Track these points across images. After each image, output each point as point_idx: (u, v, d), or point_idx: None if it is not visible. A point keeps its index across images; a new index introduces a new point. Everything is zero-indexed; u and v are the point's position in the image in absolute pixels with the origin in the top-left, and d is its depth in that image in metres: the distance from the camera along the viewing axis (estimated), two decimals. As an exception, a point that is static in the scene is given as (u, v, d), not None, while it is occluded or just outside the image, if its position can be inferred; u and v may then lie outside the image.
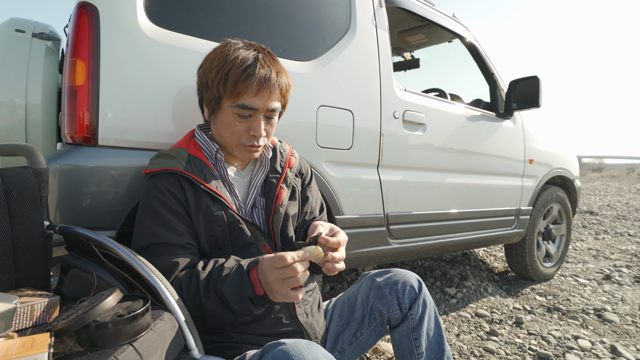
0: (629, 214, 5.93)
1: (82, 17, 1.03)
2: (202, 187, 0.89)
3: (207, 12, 1.25)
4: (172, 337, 0.69)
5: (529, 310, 2.26)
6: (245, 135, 0.94)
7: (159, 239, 0.85)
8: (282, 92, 0.95)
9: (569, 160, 2.83)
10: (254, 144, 0.94)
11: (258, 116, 0.93)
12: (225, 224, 0.89)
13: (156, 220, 0.86)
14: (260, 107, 0.92)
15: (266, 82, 0.90)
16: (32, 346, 0.51)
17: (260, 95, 0.91)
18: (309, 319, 0.95)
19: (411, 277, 1.01)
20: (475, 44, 2.23)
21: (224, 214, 0.90)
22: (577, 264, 3.27)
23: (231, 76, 0.88)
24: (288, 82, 0.97)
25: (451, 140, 1.97)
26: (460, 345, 1.81)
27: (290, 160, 1.07)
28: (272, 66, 0.92)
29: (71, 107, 1.03)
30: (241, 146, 0.95)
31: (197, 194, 0.90)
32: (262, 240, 0.94)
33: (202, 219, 0.89)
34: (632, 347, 1.87)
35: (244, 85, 0.88)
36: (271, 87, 0.91)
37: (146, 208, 0.88)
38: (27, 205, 0.78)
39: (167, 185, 0.88)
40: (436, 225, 1.96)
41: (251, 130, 0.93)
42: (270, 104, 0.92)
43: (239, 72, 0.88)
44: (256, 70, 0.89)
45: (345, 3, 1.61)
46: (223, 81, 0.89)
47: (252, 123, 0.93)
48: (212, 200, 0.90)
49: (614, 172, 18.07)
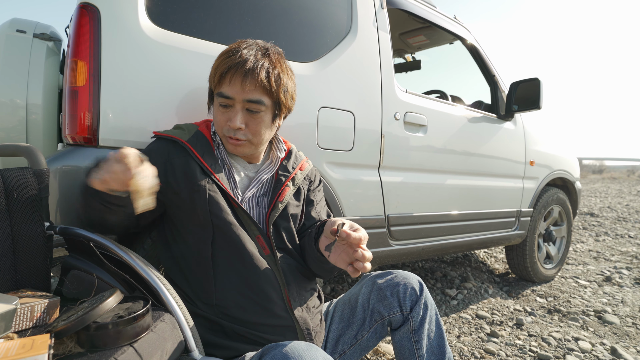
0: (629, 216, 5.93)
1: (84, 17, 1.03)
2: (196, 159, 0.92)
3: (208, 13, 1.25)
4: (172, 338, 0.68)
5: (529, 312, 2.25)
6: (226, 126, 0.94)
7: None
8: (262, 82, 0.89)
9: (569, 162, 2.83)
10: (231, 136, 0.94)
11: (236, 107, 0.92)
12: (206, 196, 0.90)
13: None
14: (235, 96, 0.91)
15: (239, 68, 0.89)
16: (32, 347, 0.51)
17: (233, 83, 0.90)
18: (304, 313, 0.94)
19: (412, 279, 1.00)
20: (476, 45, 2.23)
21: (207, 186, 0.91)
22: (577, 266, 3.27)
23: (214, 65, 0.94)
24: (275, 74, 0.92)
25: (452, 141, 1.97)
26: (460, 347, 1.80)
27: (303, 165, 1.09)
28: (255, 56, 0.91)
29: (72, 107, 1.03)
30: (225, 137, 0.96)
31: (190, 165, 0.92)
32: (256, 232, 0.94)
33: (187, 188, 0.90)
34: (632, 348, 1.87)
35: (219, 72, 0.91)
36: (244, 74, 0.88)
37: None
38: (27, 206, 0.78)
39: (160, 148, 0.94)
40: (437, 226, 1.96)
41: (229, 121, 0.93)
42: (245, 94, 0.90)
43: (219, 60, 0.93)
44: (234, 58, 0.90)
45: (347, 5, 1.61)
46: (212, 73, 0.95)
47: (230, 114, 0.93)
48: (201, 171, 0.92)
49: (614, 174, 18.07)
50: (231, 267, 0.90)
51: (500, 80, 2.31)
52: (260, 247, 0.94)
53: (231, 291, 0.89)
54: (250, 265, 0.90)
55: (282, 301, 0.92)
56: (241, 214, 0.94)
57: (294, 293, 0.94)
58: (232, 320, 0.88)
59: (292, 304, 0.93)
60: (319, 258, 0.93)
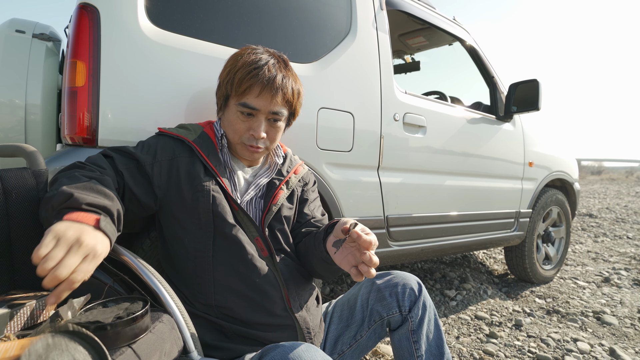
0: (627, 217, 5.94)
1: (83, 18, 1.03)
2: (201, 159, 0.93)
3: (208, 14, 1.25)
4: (171, 339, 0.68)
5: (528, 313, 2.25)
6: (246, 135, 0.96)
7: (107, 152, 0.90)
8: (287, 97, 0.96)
9: (568, 163, 2.83)
10: (252, 144, 0.96)
11: (260, 117, 0.95)
12: (210, 197, 0.90)
13: (125, 150, 0.91)
14: (262, 108, 0.94)
15: (270, 84, 0.92)
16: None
17: (262, 97, 0.93)
18: (303, 313, 0.94)
19: (411, 280, 1.01)
20: (475, 47, 2.24)
21: (211, 187, 0.91)
22: (576, 267, 3.27)
23: (238, 75, 0.93)
24: (297, 89, 0.99)
25: (451, 142, 1.97)
26: (460, 348, 1.80)
27: (298, 169, 1.10)
28: (280, 71, 0.95)
29: (71, 108, 1.03)
30: (242, 145, 0.98)
31: (194, 165, 0.93)
32: (255, 234, 0.95)
33: (190, 188, 0.91)
34: (630, 349, 1.87)
35: (248, 84, 0.92)
36: (274, 90, 0.93)
37: (131, 146, 0.94)
38: (26, 206, 0.78)
39: (165, 144, 0.94)
40: (436, 227, 1.96)
41: (251, 130, 0.95)
42: (272, 107, 0.94)
43: (245, 72, 0.92)
44: (261, 72, 0.92)
45: (346, 6, 1.61)
46: (231, 81, 0.94)
47: (253, 123, 0.95)
48: (204, 172, 0.93)
49: (613, 175, 18.10)
50: (231, 267, 0.90)
51: (499, 82, 2.32)
52: (258, 249, 0.94)
53: (231, 292, 0.89)
54: (250, 265, 0.90)
55: (282, 301, 0.92)
56: (241, 216, 0.94)
57: (293, 293, 0.94)
58: (231, 321, 0.88)
59: (291, 304, 0.93)
60: (325, 257, 0.91)
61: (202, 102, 1.18)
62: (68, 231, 0.59)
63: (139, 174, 0.90)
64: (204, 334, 0.86)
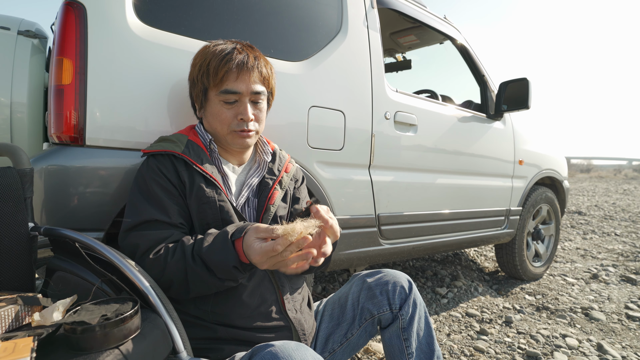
0: (615, 214, 6.04)
1: (69, 14, 1.01)
2: (197, 170, 0.92)
3: (197, 11, 1.24)
4: (160, 340, 0.68)
5: (518, 310, 2.28)
6: (234, 122, 0.96)
7: (151, 217, 0.86)
8: (264, 74, 0.98)
9: (557, 161, 2.87)
10: (243, 129, 0.96)
11: (243, 100, 0.96)
12: (217, 207, 0.90)
13: (150, 199, 0.88)
14: (244, 91, 0.95)
15: (245, 65, 0.94)
16: (14, 350, 0.50)
17: (241, 79, 0.94)
18: (298, 315, 0.94)
19: (401, 278, 1.01)
20: (466, 45, 2.25)
21: (216, 197, 0.91)
22: (565, 264, 3.32)
23: (211, 65, 0.93)
24: (269, 67, 1.01)
25: (442, 141, 1.98)
26: (450, 345, 1.82)
27: (288, 166, 1.10)
28: (250, 52, 0.97)
29: (58, 106, 1.01)
30: (233, 133, 0.97)
31: (192, 176, 0.92)
32: None
33: (195, 200, 0.90)
34: (617, 344, 1.90)
35: (224, 71, 0.92)
36: (250, 69, 0.95)
37: (140, 187, 0.90)
38: (10, 206, 0.76)
39: (163, 167, 0.91)
40: (427, 225, 1.97)
41: (239, 115, 0.95)
42: (252, 86, 0.95)
43: (218, 60, 0.93)
44: (233, 56, 0.93)
45: (337, 4, 1.61)
46: (206, 73, 0.94)
47: (238, 108, 0.96)
48: (205, 182, 0.92)
49: (601, 173, 18.37)
50: None
51: (490, 80, 2.33)
52: None
53: (228, 297, 0.88)
54: None
55: (277, 304, 0.92)
56: (240, 220, 0.93)
57: (288, 295, 0.95)
58: (226, 324, 0.88)
59: (286, 306, 0.93)
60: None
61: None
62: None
63: (177, 205, 0.90)
64: (195, 334, 0.85)
